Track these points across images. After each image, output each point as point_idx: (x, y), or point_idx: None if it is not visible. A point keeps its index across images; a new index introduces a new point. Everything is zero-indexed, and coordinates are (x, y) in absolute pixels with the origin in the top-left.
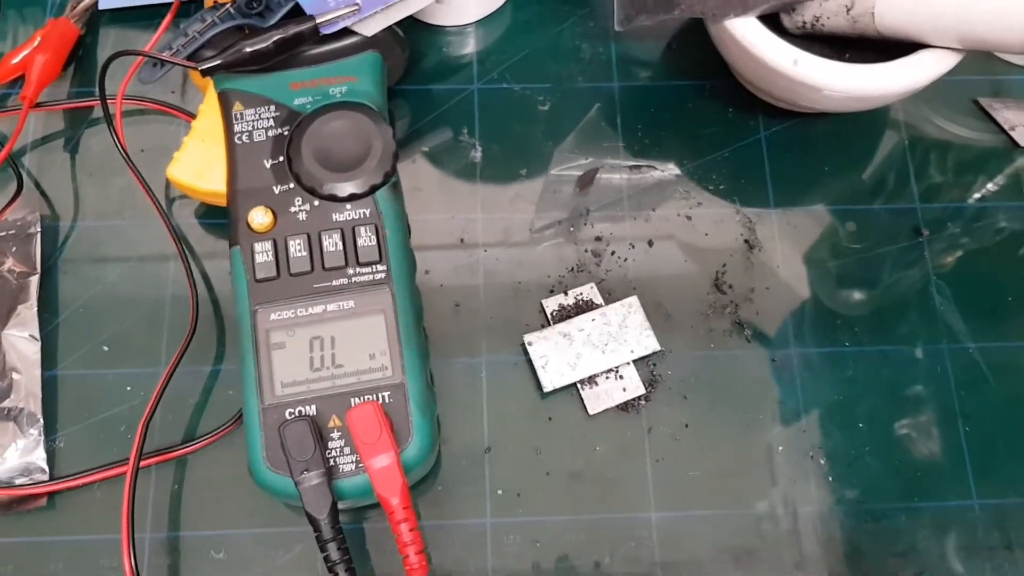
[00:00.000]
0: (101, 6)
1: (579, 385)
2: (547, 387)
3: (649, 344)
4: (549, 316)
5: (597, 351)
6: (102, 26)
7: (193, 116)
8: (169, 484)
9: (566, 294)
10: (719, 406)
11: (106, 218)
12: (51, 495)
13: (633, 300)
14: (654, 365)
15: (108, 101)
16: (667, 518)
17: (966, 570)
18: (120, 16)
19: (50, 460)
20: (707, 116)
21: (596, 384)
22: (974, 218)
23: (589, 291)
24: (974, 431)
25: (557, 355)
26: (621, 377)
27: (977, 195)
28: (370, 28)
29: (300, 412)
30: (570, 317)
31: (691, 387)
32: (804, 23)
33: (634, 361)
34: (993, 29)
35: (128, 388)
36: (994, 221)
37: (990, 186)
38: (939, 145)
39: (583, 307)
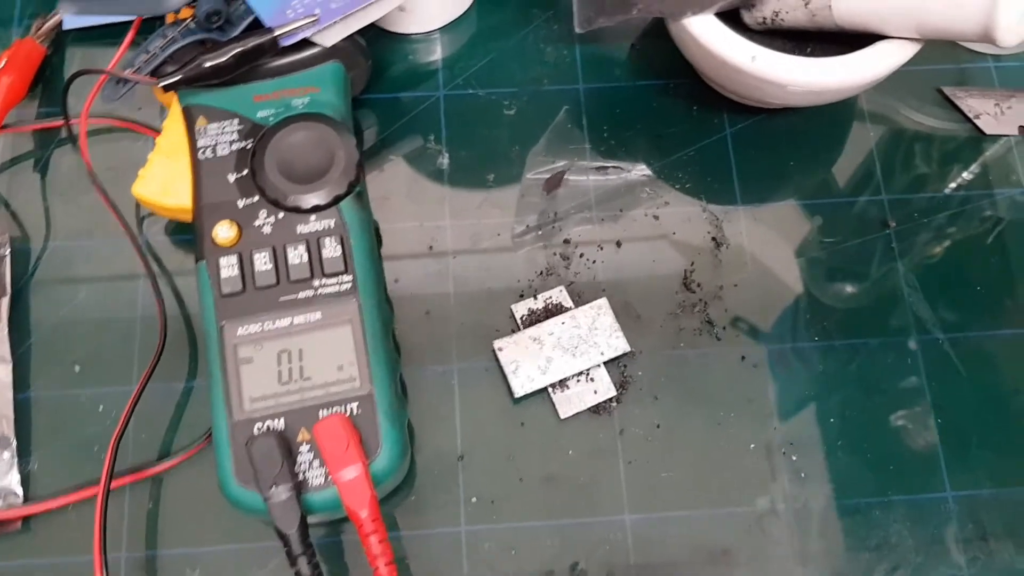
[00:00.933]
0: (66, 26)
1: (550, 389)
2: (518, 392)
3: (619, 345)
4: (519, 321)
5: (567, 354)
6: (68, 45)
7: (159, 132)
8: (144, 503)
9: (535, 298)
10: (690, 405)
11: (76, 238)
12: (26, 518)
13: (602, 302)
14: (624, 366)
15: (72, 121)
16: (641, 520)
17: (942, 563)
18: (86, 35)
19: (24, 483)
20: (672, 115)
21: (567, 388)
22: (941, 208)
23: (558, 294)
24: (947, 422)
25: (527, 360)
26: (592, 380)
27: (944, 185)
28: (330, 38)
29: (269, 427)
30: (540, 321)
31: (662, 387)
32: (764, 19)
33: (604, 363)
34: (948, 18)
35: (101, 408)
36: (961, 210)
37: (956, 175)
38: (904, 136)
39: (552, 311)
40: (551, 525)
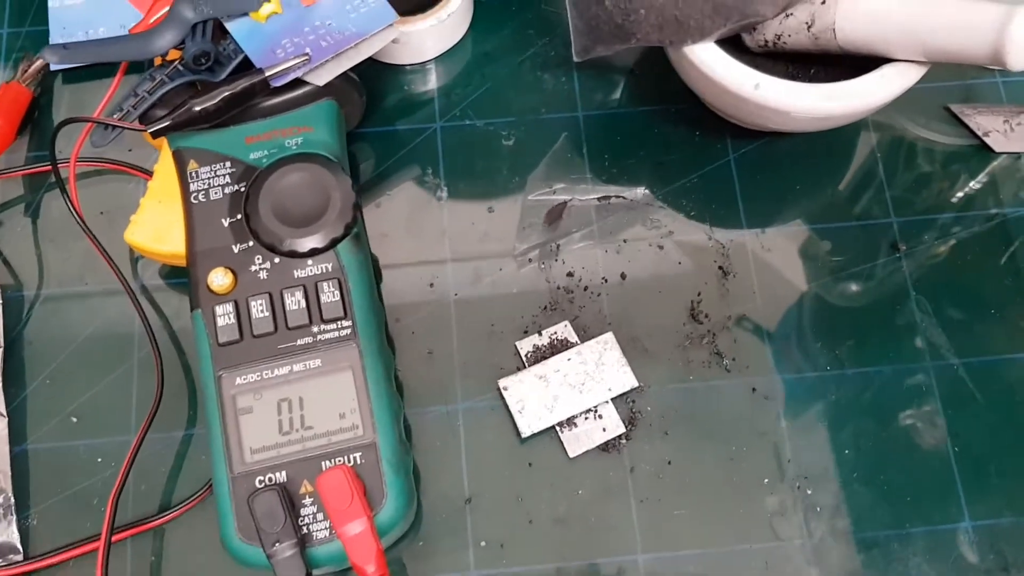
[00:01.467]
0: (53, 67)
1: (558, 428)
2: (525, 432)
3: (627, 381)
4: (524, 358)
5: (574, 391)
6: (57, 86)
7: (151, 174)
8: (147, 555)
9: (540, 334)
10: (701, 440)
11: (69, 284)
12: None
13: (608, 336)
14: (633, 402)
15: (60, 166)
16: (655, 560)
17: None
18: (75, 75)
19: (24, 538)
20: (674, 141)
21: (575, 425)
22: (951, 228)
23: (563, 329)
24: (964, 450)
25: (534, 398)
26: (600, 416)
27: (954, 205)
28: (322, 77)
29: (271, 479)
30: (545, 358)
31: (672, 422)
32: (766, 42)
33: (612, 399)
34: (956, 41)
35: (99, 460)
36: (972, 230)
37: (966, 194)
38: (912, 155)
39: (558, 347)
40: (563, 567)
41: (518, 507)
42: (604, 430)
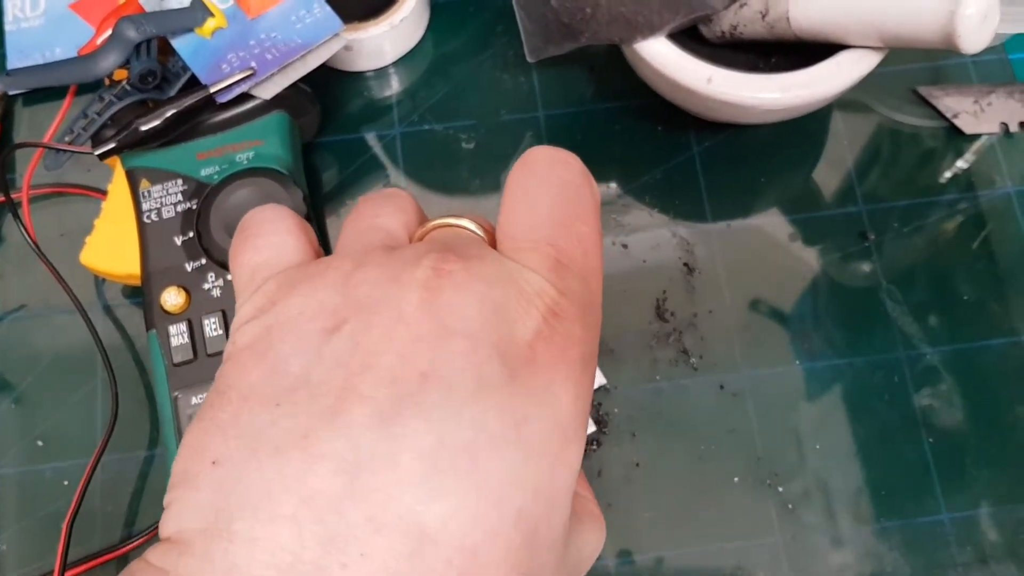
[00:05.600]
0: (10, 91)
1: None
2: None
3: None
4: None
5: None
6: (17, 109)
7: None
8: None
9: None
10: (670, 440)
11: (31, 309)
12: None
13: None
14: (599, 404)
15: (13, 195)
16: (625, 564)
17: None
18: (32, 97)
19: None
20: (636, 137)
21: None
22: (923, 215)
23: None
24: (939, 441)
25: None
26: None
27: (923, 190)
28: (269, 91)
29: None
30: None
31: (640, 424)
32: (723, 32)
33: None
34: (907, 27)
35: (66, 483)
36: (942, 215)
37: (936, 179)
38: (880, 141)
39: None
40: None
41: None
42: None
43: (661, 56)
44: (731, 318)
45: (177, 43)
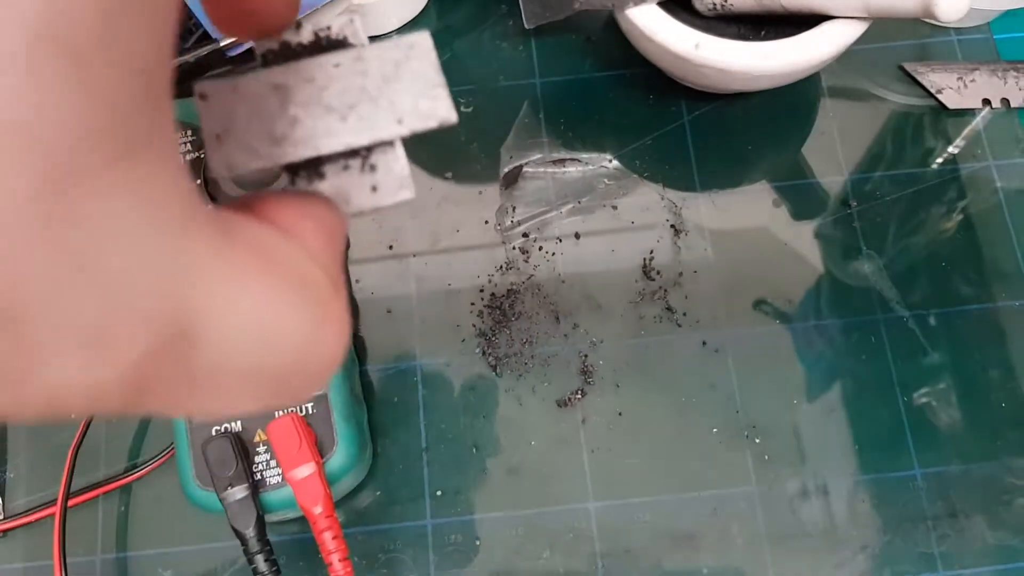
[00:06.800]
0: None
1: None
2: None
3: (437, 110)
4: (260, 57)
5: (334, 116)
6: None
7: None
8: (115, 507)
9: (299, 28)
10: (652, 393)
11: None
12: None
13: (420, 39)
14: (586, 356)
15: None
16: (605, 507)
17: (911, 541)
18: None
19: (2, 491)
20: (628, 105)
21: (321, 176)
22: (905, 185)
23: (346, 26)
24: (912, 401)
25: (252, 119)
26: (373, 168)
27: (906, 162)
28: None
29: (225, 428)
30: (296, 58)
31: (624, 376)
32: (714, 5)
33: (405, 142)
34: None
35: (73, 415)
36: (925, 187)
37: (919, 152)
38: (866, 115)
39: (325, 46)
40: (516, 516)
41: (473, 458)
42: (374, 190)
43: (652, 22)
44: (715, 278)
45: None
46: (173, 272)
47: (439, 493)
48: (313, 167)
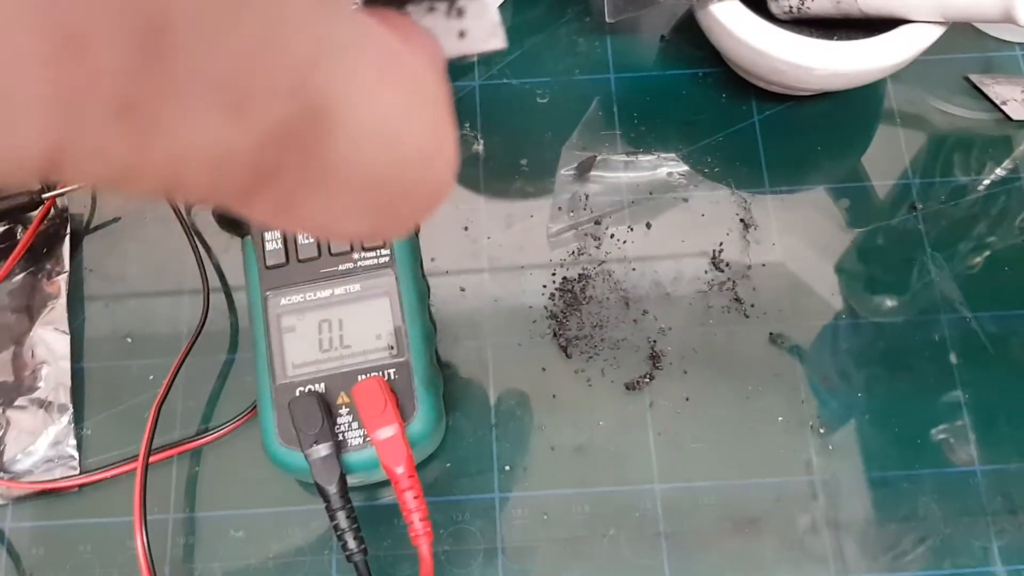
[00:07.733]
0: None
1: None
2: None
3: None
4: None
5: None
6: None
7: None
8: (189, 467)
9: None
10: (719, 380)
11: (129, 219)
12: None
13: None
14: (655, 342)
15: None
16: (670, 489)
17: (970, 535)
18: None
19: (79, 446)
20: (701, 103)
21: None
22: (968, 192)
23: None
24: (974, 399)
25: None
26: (461, 13)
27: (971, 170)
28: None
29: (310, 390)
30: None
31: (691, 362)
32: (790, 8)
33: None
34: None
35: (151, 377)
36: (988, 193)
37: (984, 160)
38: (932, 123)
39: None
40: (582, 493)
41: (540, 435)
42: (462, 35)
43: (734, 18)
44: (782, 273)
45: None
46: (320, 44)
47: (507, 468)
48: (395, 4)
